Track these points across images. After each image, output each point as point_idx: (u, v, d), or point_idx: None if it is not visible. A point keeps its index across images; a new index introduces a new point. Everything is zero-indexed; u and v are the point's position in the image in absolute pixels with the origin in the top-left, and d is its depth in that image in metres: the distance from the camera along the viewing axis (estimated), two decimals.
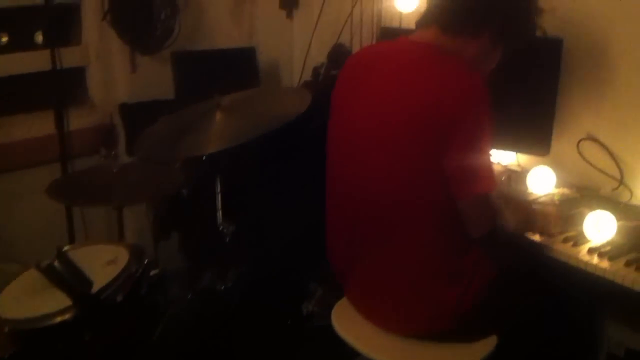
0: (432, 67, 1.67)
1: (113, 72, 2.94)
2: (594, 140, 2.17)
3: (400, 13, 2.57)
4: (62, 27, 2.83)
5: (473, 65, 1.72)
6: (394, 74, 1.71)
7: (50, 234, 2.69)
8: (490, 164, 1.72)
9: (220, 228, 1.93)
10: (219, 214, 1.94)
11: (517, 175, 2.25)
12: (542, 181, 2.14)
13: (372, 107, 1.71)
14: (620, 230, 1.84)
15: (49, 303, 1.58)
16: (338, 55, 2.56)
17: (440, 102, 1.59)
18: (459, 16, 1.71)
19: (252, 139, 1.79)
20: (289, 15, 3.14)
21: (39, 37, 2.76)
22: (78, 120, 2.85)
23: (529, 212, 1.92)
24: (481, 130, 1.63)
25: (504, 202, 1.83)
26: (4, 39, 2.69)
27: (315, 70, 2.62)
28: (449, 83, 1.62)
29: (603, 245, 1.80)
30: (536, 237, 1.87)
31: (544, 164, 2.19)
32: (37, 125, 2.77)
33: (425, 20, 1.76)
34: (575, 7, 2.15)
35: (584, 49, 2.15)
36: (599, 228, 1.84)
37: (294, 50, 3.17)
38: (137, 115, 2.88)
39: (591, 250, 1.78)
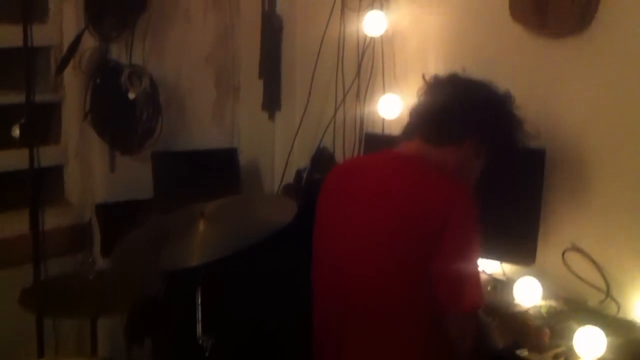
0: (418, 178, 1.70)
1: (91, 171, 2.90)
2: (579, 250, 2.16)
3: (383, 119, 2.61)
4: (42, 125, 2.82)
5: (458, 174, 1.75)
6: (381, 185, 1.73)
7: (18, 346, 2.57)
8: (477, 275, 1.72)
9: (200, 341, 1.85)
10: (199, 326, 1.87)
11: (502, 285, 2.22)
12: (528, 293, 2.12)
13: (359, 216, 1.71)
14: (609, 347, 1.82)
15: None
16: (321, 159, 2.57)
17: (428, 212, 1.61)
18: (441, 128, 1.75)
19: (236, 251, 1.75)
20: (271, 116, 3.16)
21: (17, 134, 2.74)
22: (53, 220, 2.77)
23: (518, 327, 1.89)
24: (468, 240, 1.65)
25: (491, 318, 1.81)
26: None
27: (298, 174, 2.61)
28: (436, 194, 1.65)
29: None
30: (525, 353, 1.83)
31: (530, 274, 2.16)
32: (11, 225, 2.71)
33: (409, 132, 1.81)
34: (557, 118, 2.20)
35: (566, 159, 2.18)
36: (589, 345, 1.81)
37: (275, 152, 3.18)
38: (115, 215, 2.83)
39: None
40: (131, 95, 2.72)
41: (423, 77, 1.90)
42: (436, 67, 2.52)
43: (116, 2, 2.70)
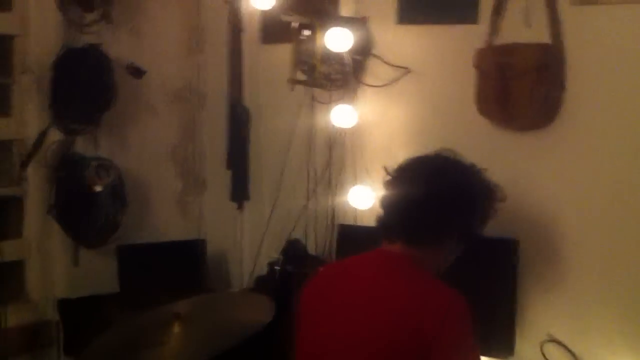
0: (409, 284, 1.66)
1: (54, 266, 2.83)
2: (556, 341, 2.16)
3: (355, 210, 2.61)
4: (2, 219, 2.75)
5: (441, 268, 1.75)
6: (371, 289, 1.69)
7: None
8: None
9: None
10: None
11: None
12: None
13: (348, 320, 1.66)
14: None
15: None
16: (293, 251, 2.54)
17: (420, 322, 1.55)
18: (422, 230, 1.72)
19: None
20: (240, 207, 3.14)
21: None
22: (15, 317, 2.68)
23: None
24: (465, 351, 1.59)
25: None
26: None
27: (271, 266, 2.57)
28: (428, 303, 1.59)
29: None
30: None
31: None
32: None
33: (388, 233, 1.77)
34: (528, 208, 2.23)
35: (539, 249, 2.21)
36: None
37: (244, 243, 3.14)
38: (78, 311, 2.73)
39: None
40: (98, 188, 2.68)
41: (385, 169, 1.89)
42: (404, 158, 2.56)
43: (82, 99, 2.68)
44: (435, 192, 1.75)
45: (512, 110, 2.20)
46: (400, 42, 2.59)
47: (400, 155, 2.51)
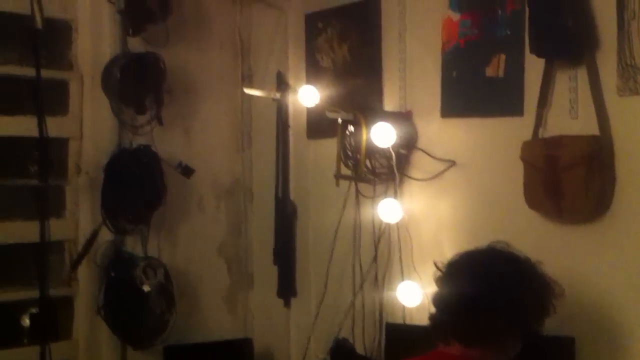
0: None
1: None
2: None
3: (404, 307, 2.55)
4: (53, 320, 2.77)
5: None
6: None
7: None
8: None
9: None
10: None
11: None
12: None
13: None
14: None
15: None
16: (342, 351, 2.48)
17: None
18: (481, 332, 1.66)
19: None
20: (287, 304, 3.11)
21: (27, 324, 2.70)
22: None
23: None
24: None
25: None
26: None
27: None
28: None
29: None
30: None
31: None
32: None
33: (443, 333, 1.71)
34: (583, 304, 2.14)
35: (597, 346, 2.09)
36: None
37: (291, 342, 3.08)
38: None
39: None
40: (146, 288, 2.70)
41: (435, 264, 1.85)
42: (453, 252, 2.49)
43: (133, 199, 2.75)
44: (492, 289, 1.69)
45: (563, 203, 2.15)
46: (445, 135, 2.58)
47: (448, 249, 2.50)
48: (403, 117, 2.66)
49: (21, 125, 2.69)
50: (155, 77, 2.81)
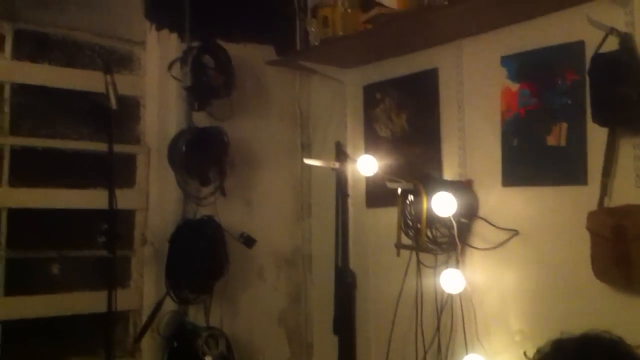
0: None
1: None
2: None
3: None
4: None
5: None
6: None
7: None
8: None
9: None
10: None
11: None
12: None
13: None
14: None
15: None
16: None
17: None
18: None
19: None
20: None
21: None
22: None
23: None
24: None
25: None
26: None
27: None
28: None
29: None
30: None
31: None
32: None
33: None
34: None
35: None
36: None
37: None
38: None
39: None
40: (208, 359, 2.71)
41: (525, 354, 1.77)
42: (519, 324, 2.46)
43: (196, 269, 2.79)
44: None
45: (632, 274, 2.09)
46: (507, 204, 2.57)
47: (514, 321, 2.46)
48: (463, 185, 2.66)
49: (91, 198, 2.80)
50: (219, 150, 2.89)
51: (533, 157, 2.49)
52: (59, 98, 2.83)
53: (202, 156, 2.87)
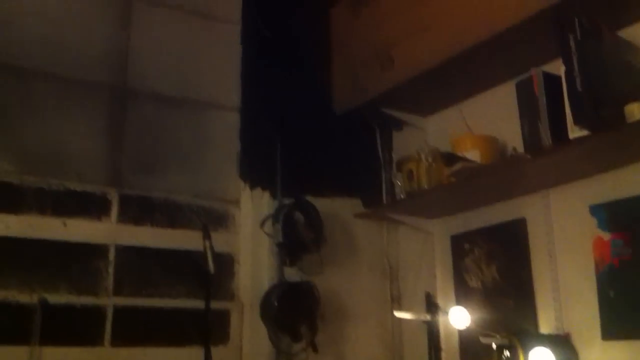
0: None
1: None
2: None
3: None
4: None
5: None
6: None
7: None
8: None
9: None
10: None
11: None
12: None
13: None
14: None
15: None
16: None
17: None
18: None
19: None
20: None
21: None
22: None
23: None
24: None
25: None
26: None
27: None
28: None
29: None
30: None
31: None
32: None
33: None
34: None
35: None
36: None
37: None
38: None
39: None
40: None
41: None
42: None
43: None
44: None
45: None
46: (609, 358, 2.46)
47: None
48: (561, 340, 2.57)
49: (186, 356, 2.85)
50: (310, 305, 2.93)
51: (633, 308, 2.41)
52: (159, 257, 2.98)
53: (294, 311, 2.91)
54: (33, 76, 2.88)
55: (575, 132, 2.39)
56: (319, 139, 3.36)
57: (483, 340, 2.63)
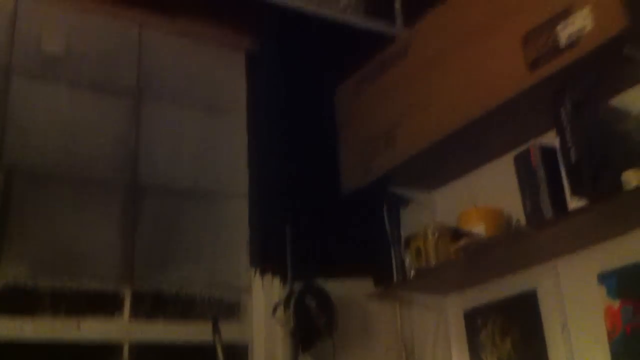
0: None
1: None
2: None
3: None
4: None
5: None
6: None
7: None
8: None
9: None
10: None
11: None
12: None
13: None
14: None
15: None
16: None
17: None
18: None
19: None
20: None
21: None
22: None
23: None
24: None
25: None
26: None
27: None
28: None
29: None
30: None
31: None
32: None
33: None
34: None
35: None
36: None
37: None
38: None
39: None
40: None
41: None
42: None
43: None
44: None
45: None
46: None
47: None
48: None
49: None
50: None
51: None
52: (172, 352, 2.98)
53: None
54: (47, 180, 2.96)
55: (574, 202, 2.42)
56: (327, 220, 3.38)
57: None
